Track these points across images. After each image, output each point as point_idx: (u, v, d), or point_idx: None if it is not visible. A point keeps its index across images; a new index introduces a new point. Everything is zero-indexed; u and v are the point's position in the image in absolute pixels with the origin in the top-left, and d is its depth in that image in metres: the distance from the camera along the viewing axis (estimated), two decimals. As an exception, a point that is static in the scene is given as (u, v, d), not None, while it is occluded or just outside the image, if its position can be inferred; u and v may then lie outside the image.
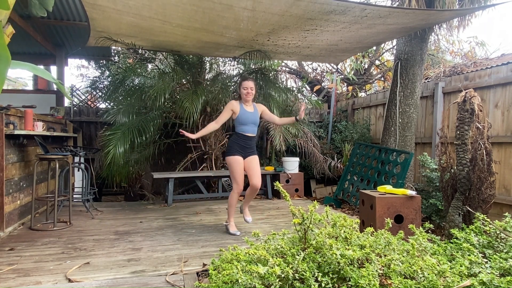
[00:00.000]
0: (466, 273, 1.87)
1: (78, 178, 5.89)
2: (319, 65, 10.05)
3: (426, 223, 2.52)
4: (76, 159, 5.38)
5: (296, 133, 6.46)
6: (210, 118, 6.33)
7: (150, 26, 4.57)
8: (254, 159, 3.92)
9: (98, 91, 7.52)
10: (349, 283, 1.74)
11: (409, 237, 2.24)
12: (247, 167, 3.87)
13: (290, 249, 2.00)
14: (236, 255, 2.03)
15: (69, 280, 2.52)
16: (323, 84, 9.66)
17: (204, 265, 2.79)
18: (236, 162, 3.79)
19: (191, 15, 4.11)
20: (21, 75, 13.73)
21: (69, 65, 8.03)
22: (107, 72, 8.67)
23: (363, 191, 3.67)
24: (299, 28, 4.52)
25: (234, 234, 3.82)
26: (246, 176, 3.93)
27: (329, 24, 4.31)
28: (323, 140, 7.41)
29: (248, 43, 5.30)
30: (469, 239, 2.35)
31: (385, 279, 1.84)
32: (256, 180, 3.84)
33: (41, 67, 6.26)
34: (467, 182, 3.15)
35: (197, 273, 2.67)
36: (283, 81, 8.82)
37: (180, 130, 3.87)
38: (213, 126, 3.90)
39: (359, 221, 3.59)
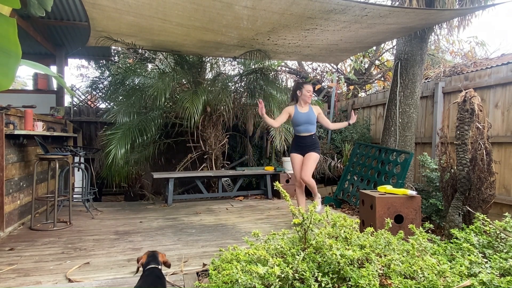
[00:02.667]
0: (466, 273, 1.87)
1: (78, 178, 5.89)
2: (319, 65, 10.04)
3: (426, 223, 2.52)
4: (76, 159, 5.38)
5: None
6: (210, 118, 6.34)
7: (150, 25, 4.57)
8: (309, 156, 4.18)
9: (98, 91, 7.53)
10: (349, 283, 1.74)
11: (409, 237, 2.24)
12: (303, 163, 4.19)
13: (290, 249, 2.00)
14: (236, 255, 2.03)
15: (69, 280, 2.52)
16: (323, 84, 9.66)
17: (204, 265, 2.79)
18: (293, 159, 4.27)
19: (191, 14, 4.11)
20: (20, 74, 13.69)
21: (69, 65, 8.04)
22: (107, 72, 8.67)
23: (363, 191, 3.67)
24: (299, 28, 4.52)
25: None
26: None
27: (329, 23, 4.31)
28: (323, 140, 7.40)
29: (248, 43, 5.30)
30: (469, 239, 2.35)
31: (385, 279, 1.84)
32: (302, 175, 4.14)
33: (41, 67, 6.23)
34: (467, 182, 3.15)
35: (197, 273, 2.67)
36: (283, 81, 8.82)
37: (260, 100, 4.13)
38: (272, 122, 4.23)
39: (359, 221, 3.59)
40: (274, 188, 4.12)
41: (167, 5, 3.88)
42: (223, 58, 7.02)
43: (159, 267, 2.07)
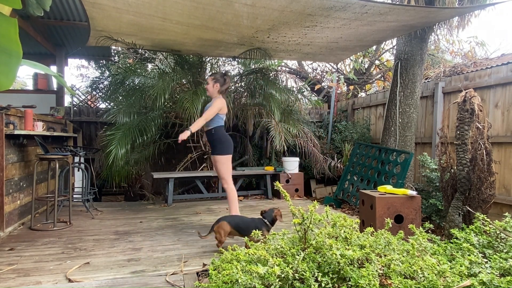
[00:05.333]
0: (466, 273, 1.87)
1: (78, 178, 5.89)
2: (319, 65, 10.05)
3: (426, 223, 2.52)
4: (76, 159, 5.38)
5: (297, 133, 6.46)
6: (210, 118, 6.32)
7: (150, 24, 4.56)
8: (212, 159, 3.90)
9: (98, 91, 7.51)
10: (349, 283, 1.74)
11: (409, 237, 2.24)
12: None
13: (290, 249, 2.00)
14: (236, 255, 2.03)
15: (69, 280, 2.52)
16: (323, 84, 9.66)
17: (204, 265, 2.79)
18: None
19: (191, 12, 4.11)
20: (20, 74, 13.68)
21: (69, 65, 8.04)
22: (107, 72, 8.66)
23: (363, 191, 3.67)
24: (299, 25, 4.51)
25: None
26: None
27: (329, 20, 4.31)
28: (323, 140, 7.40)
29: (248, 41, 5.29)
30: (469, 239, 2.35)
31: (385, 279, 1.84)
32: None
33: (41, 67, 6.23)
34: (467, 182, 3.14)
35: (197, 273, 2.67)
36: (283, 81, 8.81)
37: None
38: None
39: (359, 221, 3.59)
40: (274, 188, 4.13)
41: (167, 3, 3.88)
42: (223, 58, 7.02)
43: (265, 220, 3.09)
